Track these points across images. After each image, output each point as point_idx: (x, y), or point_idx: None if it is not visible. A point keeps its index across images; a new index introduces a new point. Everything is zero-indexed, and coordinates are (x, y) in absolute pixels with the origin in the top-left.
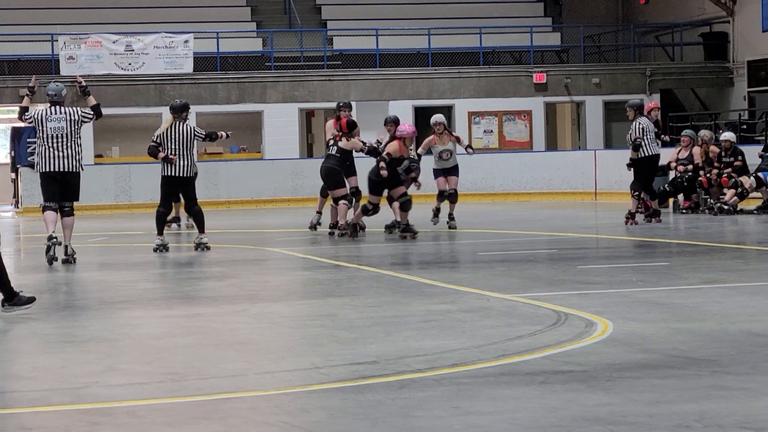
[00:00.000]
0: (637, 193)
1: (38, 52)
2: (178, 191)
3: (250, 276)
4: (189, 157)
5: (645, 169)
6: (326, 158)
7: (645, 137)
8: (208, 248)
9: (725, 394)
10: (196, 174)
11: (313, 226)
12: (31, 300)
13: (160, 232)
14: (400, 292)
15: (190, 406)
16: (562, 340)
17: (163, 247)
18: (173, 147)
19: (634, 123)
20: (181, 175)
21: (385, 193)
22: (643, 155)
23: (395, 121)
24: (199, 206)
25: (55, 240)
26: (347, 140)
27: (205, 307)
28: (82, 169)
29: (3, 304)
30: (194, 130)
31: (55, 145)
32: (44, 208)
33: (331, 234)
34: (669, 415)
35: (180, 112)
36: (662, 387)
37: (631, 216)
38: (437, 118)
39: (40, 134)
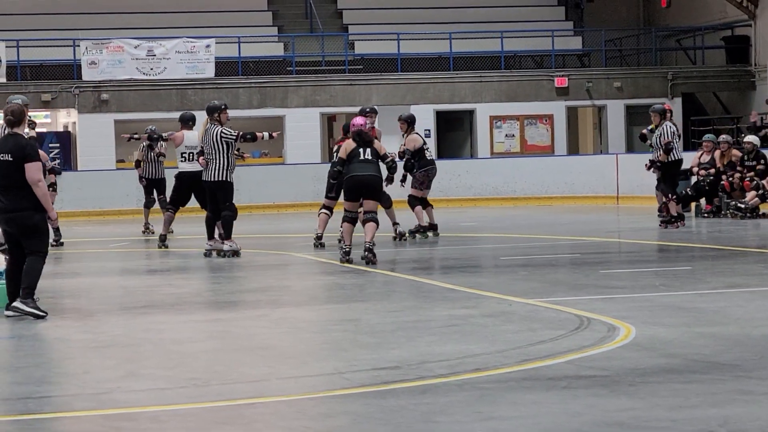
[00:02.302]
0: (675, 196)
1: (60, 57)
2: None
3: (271, 281)
4: (219, 161)
5: (675, 172)
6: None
7: (674, 141)
8: (226, 255)
9: (749, 399)
10: (225, 181)
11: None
12: (41, 315)
13: (209, 237)
14: (422, 296)
15: (212, 412)
16: (584, 345)
17: (210, 252)
18: (207, 150)
19: (662, 126)
20: (208, 179)
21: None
22: (673, 159)
23: (407, 119)
24: (229, 212)
25: None
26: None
27: (226, 312)
28: None
29: (7, 307)
30: (220, 134)
31: None
32: None
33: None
34: (692, 420)
35: (210, 114)
36: (685, 392)
37: (678, 218)
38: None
39: None
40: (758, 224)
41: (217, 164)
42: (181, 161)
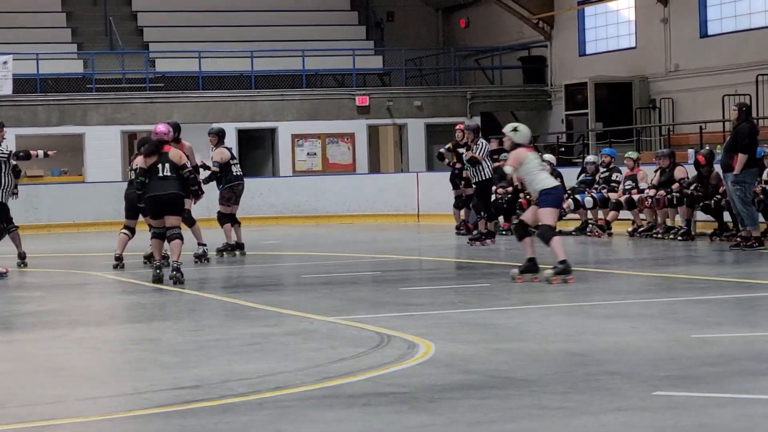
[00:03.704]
0: (487, 214)
1: None
2: None
3: (71, 300)
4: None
5: (488, 190)
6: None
7: (486, 159)
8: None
9: (543, 413)
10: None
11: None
12: None
13: None
14: (224, 315)
15: None
16: (384, 362)
17: None
18: None
19: (478, 143)
20: None
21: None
22: (485, 177)
23: (218, 133)
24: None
25: None
26: None
27: (24, 333)
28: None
29: None
30: None
31: None
32: None
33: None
34: None
35: None
36: (484, 407)
37: (489, 235)
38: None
39: None
40: None
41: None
42: None
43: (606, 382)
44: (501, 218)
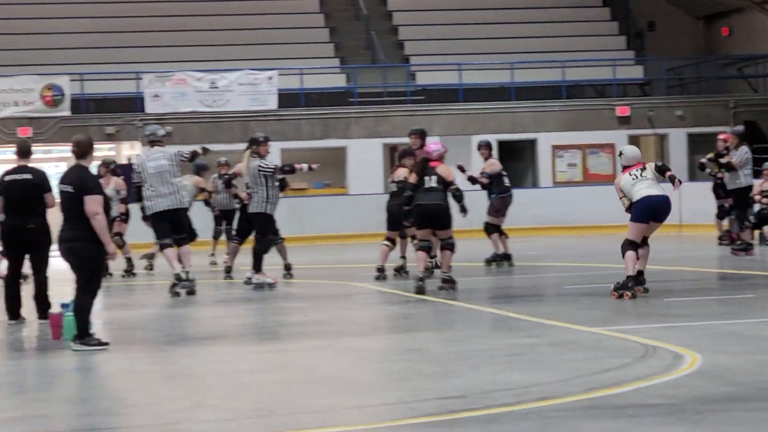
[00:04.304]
0: (749, 223)
1: (124, 90)
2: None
3: (335, 311)
4: (260, 194)
5: (746, 198)
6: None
7: (747, 166)
8: (254, 286)
9: None
10: (264, 213)
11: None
12: (104, 347)
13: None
14: (486, 326)
15: None
16: (650, 373)
17: (249, 281)
18: (249, 182)
19: (739, 149)
20: (250, 210)
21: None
22: (746, 184)
23: (488, 146)
24: (260, 245)
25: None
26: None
27: (291, 343)
28: (185, 205)
29: (73, 340)
30: (258, 167)
31: (157, 183)
32: (161, 246)
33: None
34: None
35: (249, 145)
36: (751, 420)
37: (748, 246)
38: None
39: (143, 175)
40: None
41: (258, 196)
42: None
43: None
44: (766, 228)
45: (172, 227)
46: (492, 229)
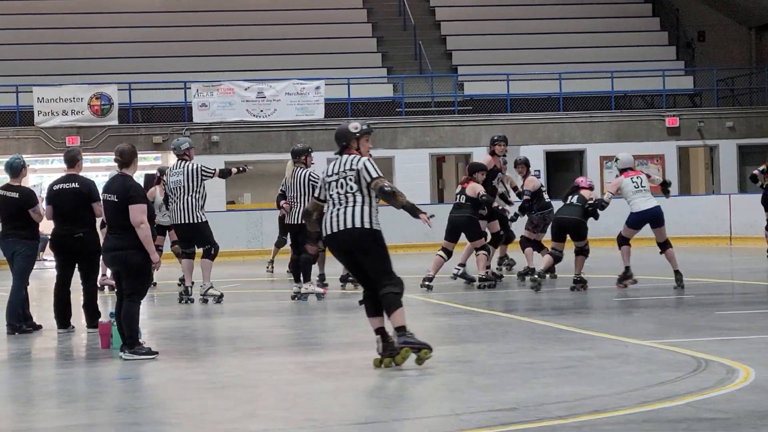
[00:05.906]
0: None
1: (172, 100)
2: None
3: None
4: (303, 205)
5: None
6: (457, 207)
7: None
8: (301, 298)
9: None
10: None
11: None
12: (153, 356)
13: (297, 279)
14: (537, 338)
15: None
16: (703, 387)
17: (298, 295)
18: (290, 193)
19: None
20: (291, 222)
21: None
22: None
23: (525, 163)
24: (304, 256)
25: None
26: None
27: (340, 353)
28: (200, 220)
29: (122, 350)
30: (309, 177)
31: (174, 197)
32: (178, 256)
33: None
34: None
35: (295, 156)
36: None
37: None
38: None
39: (167, 188)
40: None
41: (301, 208)
42: None
43: None
44: None
45: (188, 240)
46: (528, 243)
